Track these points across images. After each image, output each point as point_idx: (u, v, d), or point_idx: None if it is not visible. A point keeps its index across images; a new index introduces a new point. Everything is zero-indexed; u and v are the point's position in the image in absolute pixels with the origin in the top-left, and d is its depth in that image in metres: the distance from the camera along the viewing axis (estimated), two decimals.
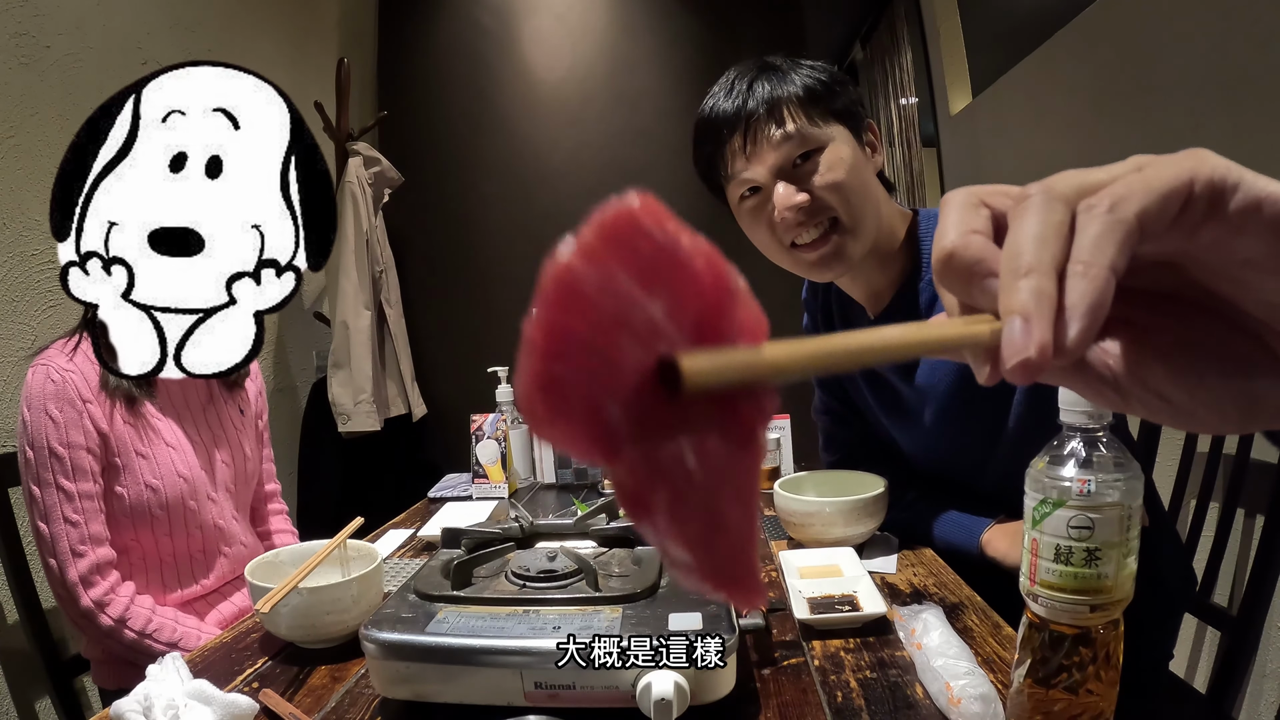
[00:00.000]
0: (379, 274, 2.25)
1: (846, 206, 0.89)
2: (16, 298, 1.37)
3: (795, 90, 0.89)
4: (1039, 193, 0.24)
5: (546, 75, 2.55)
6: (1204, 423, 0.26)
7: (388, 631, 0.61)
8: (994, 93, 2.50)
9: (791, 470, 1.36)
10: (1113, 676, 0.51)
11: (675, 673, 0.56)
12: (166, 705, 0.59)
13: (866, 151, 0.93)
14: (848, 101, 0.91)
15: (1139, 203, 0.23)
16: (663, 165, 2.56)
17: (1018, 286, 0.22)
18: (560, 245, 0.21)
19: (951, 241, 0.25)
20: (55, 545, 1.01)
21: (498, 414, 1.38)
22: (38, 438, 1.01)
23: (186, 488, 1.12)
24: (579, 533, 0.81)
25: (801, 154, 0.88)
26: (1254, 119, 1.32)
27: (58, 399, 1.02)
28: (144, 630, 1.04)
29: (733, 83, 0.93)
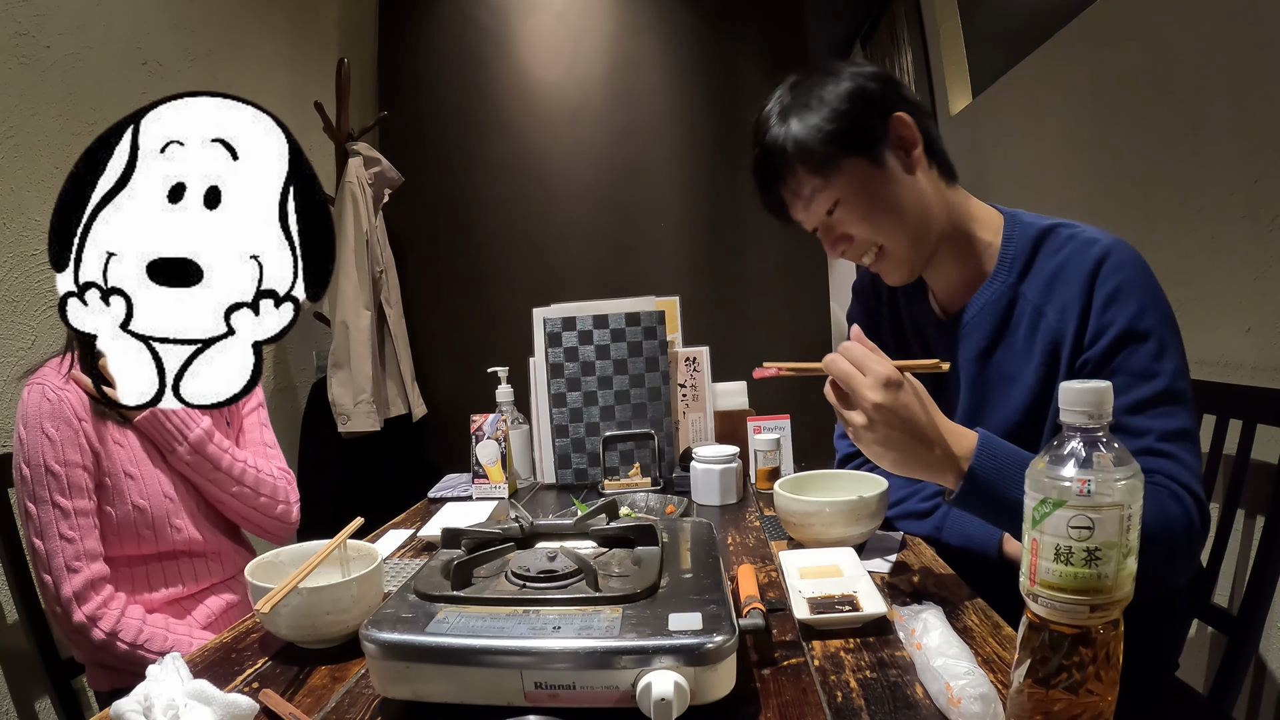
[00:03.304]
0: (379, 274, 2.25)
1: (883, 234, 0.96)
2: (16, 298, 1.38)
3: (800, 143, 0.93)
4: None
5: (546, 75, 2.55)
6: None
7: (388, 631, 0.61)
8: (994, 93, 2.50)
9: (791, 470, 1.36)
10: (1113, 676, 0.51)
11: (675, 673, 0.56)
12: (166, 705, 0.59)
13: (896, 158, 0.94)
14: (855, 121, 0.92)
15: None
16: (663, 165, 2.56)
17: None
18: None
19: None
20: (50, 561, 1.03)
21: (498, 414, 1.38)
22: (34, 456, 1.04)
23: (173, 507, 1.15)
24: (579, 533, 0.81)
25: (828, 210, 0.96)
26: (1254, 119, 1.32)
27: (54, 418, 1.05)
28: (135, 641, 1.05)
29: (755, 133, 1.01)
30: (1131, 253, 0.91)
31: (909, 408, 0.76)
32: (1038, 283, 0.95)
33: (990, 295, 0.98)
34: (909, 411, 0.76)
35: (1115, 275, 0.88)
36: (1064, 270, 0.92)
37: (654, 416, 1.41)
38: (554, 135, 2.55)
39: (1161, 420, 0.84)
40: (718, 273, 2.53)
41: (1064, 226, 0.96)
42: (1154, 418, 0.85)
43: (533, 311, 1.43)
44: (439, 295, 2.61)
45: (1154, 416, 0.85)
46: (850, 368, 0.78)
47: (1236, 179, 1.37)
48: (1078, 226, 0.96)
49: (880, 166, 0.93)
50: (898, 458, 0.79)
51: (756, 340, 2.51)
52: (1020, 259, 0.96)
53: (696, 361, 1.48)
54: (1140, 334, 0.86)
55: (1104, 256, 0.90)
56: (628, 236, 2.55)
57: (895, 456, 0.79)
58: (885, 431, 0.77)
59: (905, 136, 0.94)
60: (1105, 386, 0.50)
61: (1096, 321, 0.89)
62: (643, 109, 2.55)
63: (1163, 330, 0.87)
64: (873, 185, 0.93)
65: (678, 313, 1.52)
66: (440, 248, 2.61)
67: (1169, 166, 1.57)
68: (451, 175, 2.58)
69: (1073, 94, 1.98)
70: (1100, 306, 0.88)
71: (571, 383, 1.41)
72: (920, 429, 0.77)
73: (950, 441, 0.79)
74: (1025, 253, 0.96)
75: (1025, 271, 0.96)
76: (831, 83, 0.94)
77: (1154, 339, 0.86)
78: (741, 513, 1.21)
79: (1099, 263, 0.89)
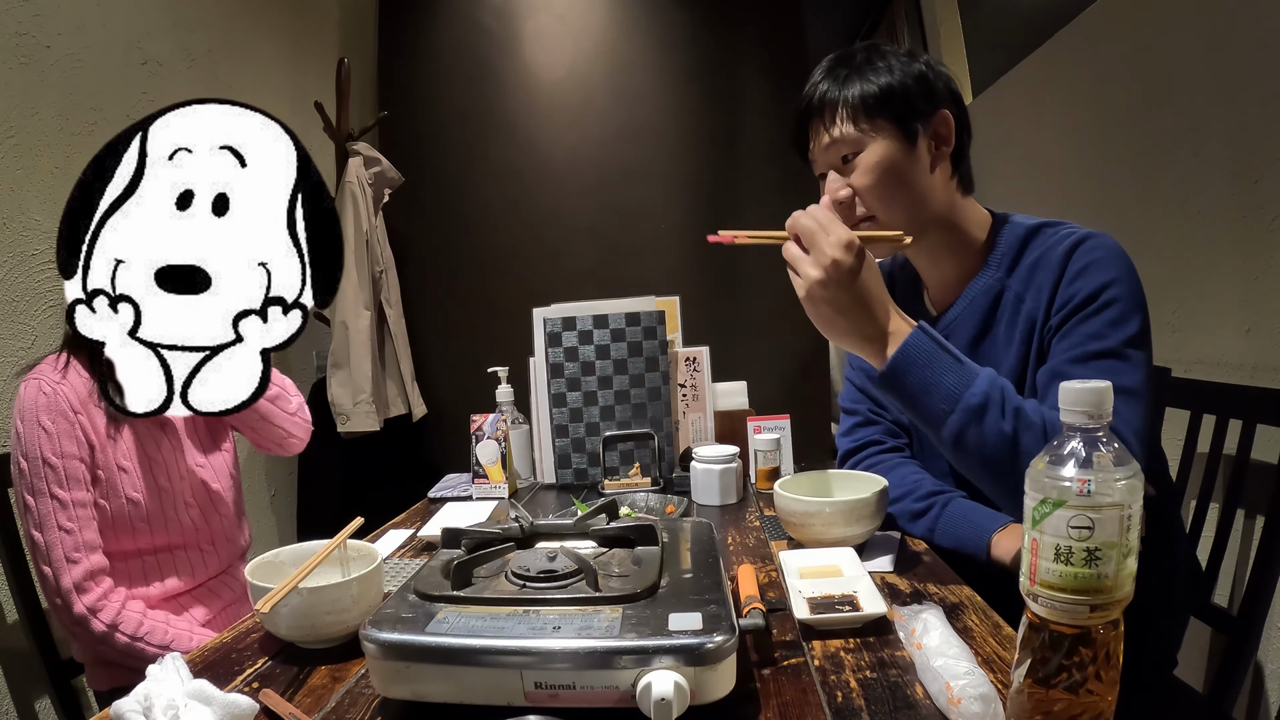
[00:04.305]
0: (379, 274, 2.25)
1: (880, 205, 0.98)
2: (16, 298, 1.38)
3: (854, 93, 0.96)
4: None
5: (547, 75, 2.55)
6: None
7: (388, 631, 0.61)
8: (994, 93, 2.50)
9: (791, 470, 1.36)
10: (1113, 676, 0.51)
11: (675, 673, 0.56)
12: (166, 705, 0.59)
13: (928, 146, 0.97)
14: (909, 102, 0.96)
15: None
16: (663, 165, 2.56)
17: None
18: None
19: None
20: (50, 553, 1.03)
21: (498, 414, 1.38)
22: (31, 449, 1.04)
23: (167, 499, 1.14)
24: (579, 533, 0.81)
25: (844, 155, 0.98)
26: (1253, 119, 1.32)
27: (50, 410, 1.04)
28: (135, 634, 1.05)
29: (816, 72, 1.02)
30: (1109, 240, 0.94)
31: (863, 274, 0.82)
32: (1022, 273, 0.98)
33: (979, 289, 1.02)
34: (862, 277, 0.82)
35: (1087, 255, 0.92)
36: (1043, 258, 0.95)
37: (654, 416, 1.41)
38: (555, 135, 2.55)
39: (1104, 374, 0.83)
40: (718, 273, 2.53)
41: (1051, 225, 0.99)
42: (1096, 370, 0.86)
43: (533, 311, 1.43)
44: (439, 295, 2.61)
45: (1096, 369, 0.86)
46: (814, 225, 0.83)
47: (1236, 179, 1.37)
48: (1065, 224, 0.99)
49: (911, 146, 0.96)
50: (842, 323, 0.84)
51: (756, 340, 2.51)
52: (1009, 255, 1.00)
53: (696, 361, 1.48)
54: (1102, 302, 0.89)
55: (1080, 240, 0.93)
56: (628, 236, 2.55)
57: (840, 322, 0.84)
58: (835, 291, 0.82)
59: (942, 133, 0.98)
60: (1105, 386, 0.50)
61: (1064, 293, 0.92)
62: (643, 109, 2.55)
63: (1125, 304, 0.88)
64: (894, 157, 0.96)
65: (678, 313, 1.52)
66: (440, 248, 2.61)
67: (1169, 166, 1.57)
68: (452, 175, 2.59)
69: (1073, 94, 1.98)
70: (1069, 280, 0.92)
71: (571, 383, 1.41)
72: (868, 298, 0.83)
73: (891, 320, 0.84)
74: (1014, 249, 1.00)
75: (1013, 267, 1.00)
76: (906, 58, 0.98)
77: (1114, 308, 0.88)
78: (741, 513, 1.21)
79: (1074, 246, 0.93)
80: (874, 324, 0.84)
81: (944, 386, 0.82)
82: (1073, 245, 0.93)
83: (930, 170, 0.98)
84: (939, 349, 0.84)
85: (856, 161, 0.97)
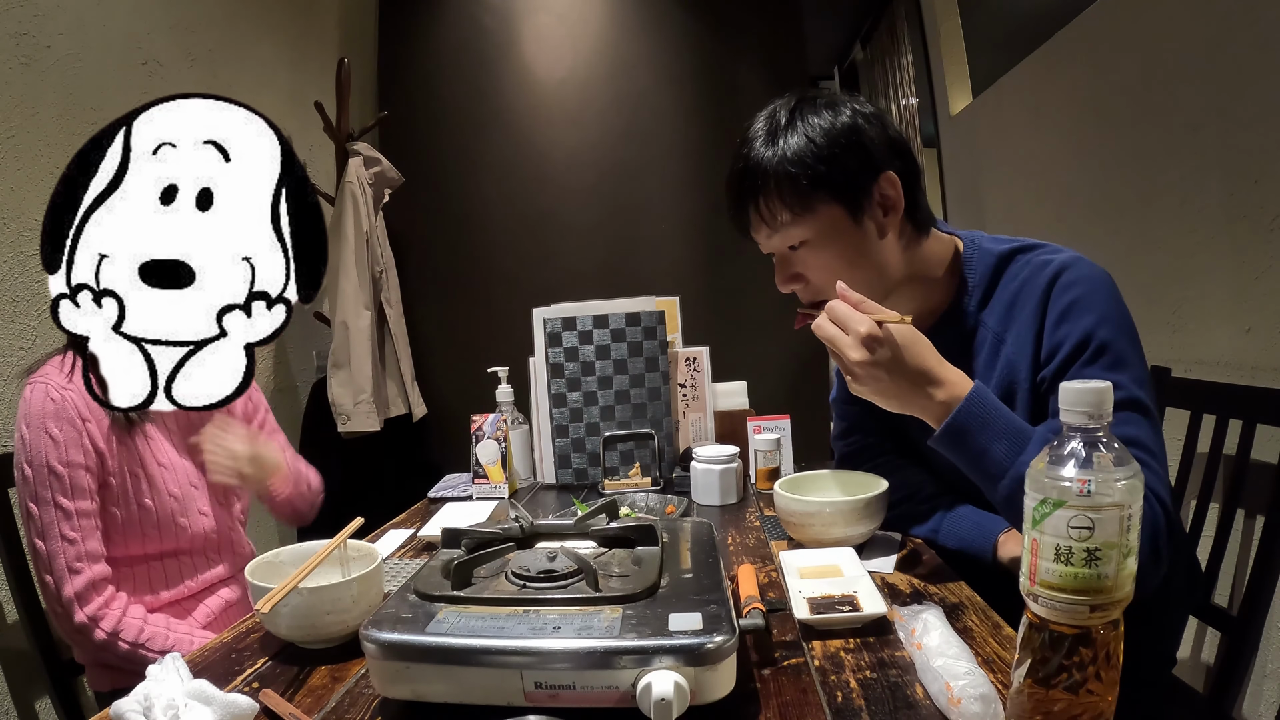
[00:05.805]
0: (379, 274, 2.25)
1: (835, 287, 0.90)
2: (17, 298, 1.38)
3: (785, 172, 0.90)
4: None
5: (547, 75, 2.55)
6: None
7: (388, 631, 0.61)
8: (994, 93, 2.50)
9: (791, 470, 1.36)
10: (1113, 676, 0.51)
11: (675, 673, 0.56)
12: (166, 705, 0.59)
13: (874, 219, 0.92)
14: (846, 169, 0.90)
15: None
16: (663, 165, 2.56)
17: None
18: None
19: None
20: (52, 562, 1.02)
21: (498, 414, 1.38)
22: (36, 456, 1.02)
23: (177, 506, 1.14)
24: (579, 533, 0.81)
25: (791, 245, 0.95)
26: (1253, 119, 1.32)
27: (57, 418, 1.02)
28: (136, 641, 1.05)
29: (740, 145, 0.96)
30: (1087, 268, 0.90)
31: (893, 359, 0.81)
32: (998, 309, 0.95)
33: (951, 324, 0.98)
34: (893, 363, 0.81)
35: (1067, 292, 0.88)
36: (1020, 294, 0.92)
37: (654, 416, 1.41)
38: (555, 135, 2.55)
39: (1121, 428, 0.82)
40: (718, 273, 2.53)
41: (1023, 251, 0.95)
42: (1115, 425, 0.84)
43: (533, 311, 1.43)
44: (439, 295, 2.61)
45: (1115, 424, 0.84)
46: (835, 331, 0.83)
47: (1236, 179, 1.37)
48: (1038, 249, 0.95)
49: (857, 224, 0.92)
50: (894, 402, 0.85)
51: (756, 340, 2.51)
52: (980, 287, 0.97)
53: (696, 361, 1.48)
54: (1096, 346, 0.86)
55: (1057, 274, 0.90)
56: (628, 237, 2.55)
57: (891, 401, 0.85)
58: (874, 385, 0.83)
59: (889, 197, 0.92)
60: (1105, 386, 0.50)
61: (1050, 340, 0.89)
62: (643, 109, 2.55)
63: (1119, 342, 0.86)
64: (842, 238, 0.92)
65: (678, 313, 1.53)
66: (440, 248, 2.61)
67: (1169, 167, 1.57)
68: (452, 175, 2.59)
69: (1072, 94, 1.98)
70: (1053, 324, 0.89)
71: (571, 383, 1.41)
72: (908, 375, 0.82)
73: (943, 387, 0.83)
74: (985, 280, 0.96)
75: (985, 300, 0.96)
76: (829, 115, 0.91)
77: (1110, 352, 0.85)
78: (741, 513, 1.21)
79: (1051, 282, 0.90)
80: (924, 396, 0.83)
81: (994, 455, 0.81)
82: (1050, 281, 0.89)
83: (881, 237, 0.93)
84: (991, 413, 0.82)
85: (801, 252, 0.94)
